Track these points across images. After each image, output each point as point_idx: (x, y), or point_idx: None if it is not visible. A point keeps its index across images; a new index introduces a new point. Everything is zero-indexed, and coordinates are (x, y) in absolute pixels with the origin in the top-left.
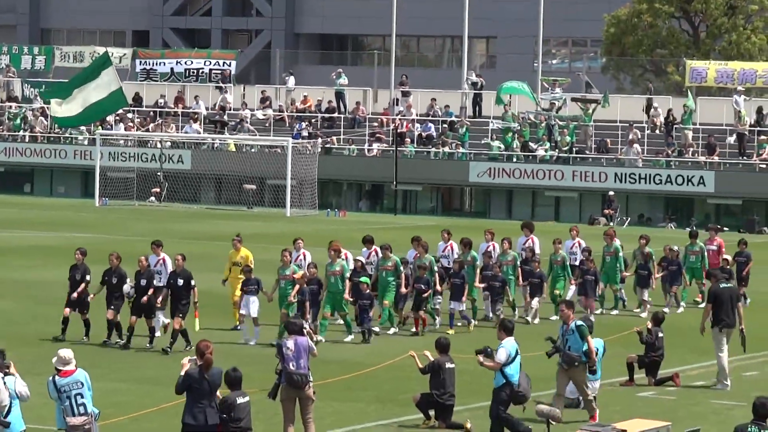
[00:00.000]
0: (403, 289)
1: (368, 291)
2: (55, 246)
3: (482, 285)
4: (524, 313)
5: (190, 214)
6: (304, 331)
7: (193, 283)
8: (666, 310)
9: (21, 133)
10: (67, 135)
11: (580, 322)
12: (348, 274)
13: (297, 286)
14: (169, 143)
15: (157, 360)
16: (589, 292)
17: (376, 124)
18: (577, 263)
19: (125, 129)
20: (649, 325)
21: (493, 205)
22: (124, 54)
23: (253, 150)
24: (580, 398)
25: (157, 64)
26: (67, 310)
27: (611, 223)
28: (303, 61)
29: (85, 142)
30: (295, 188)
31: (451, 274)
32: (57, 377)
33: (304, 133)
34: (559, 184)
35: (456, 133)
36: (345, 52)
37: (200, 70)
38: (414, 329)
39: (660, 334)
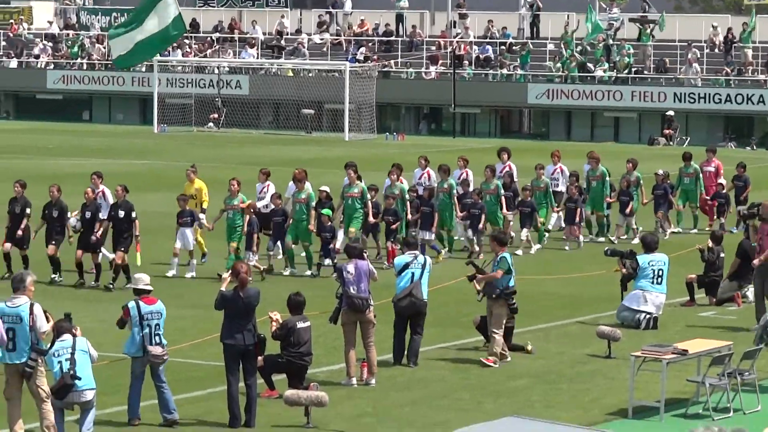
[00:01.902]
0: (371, 219)
1: (330, 223)
2: (114, 173)
3: (462, 214)
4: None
5: (248, 140)
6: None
7: (134, 215)
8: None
9: (79, 60)
10: None
11: (504, 255)
12: (313, 203)
13: (247, 217)
14: (226, 69)
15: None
16: (574, 219)
17: (433, 47)
18: (559, 189)
19: (183, 55)
20: (710, 244)
21: (552, 126)
22: None
23: (310, 74)
24: (640, 318)
25: None
26: (8, 245)
27: (671, 143)
28: None
29: (143, 69)
30: (353, 112)
31: (420, 202)
32: (141, 303)
33: (361, 57)
34: (618, 105)
35: (515, 54)
36: None
37: None
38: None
39: (721, 254)
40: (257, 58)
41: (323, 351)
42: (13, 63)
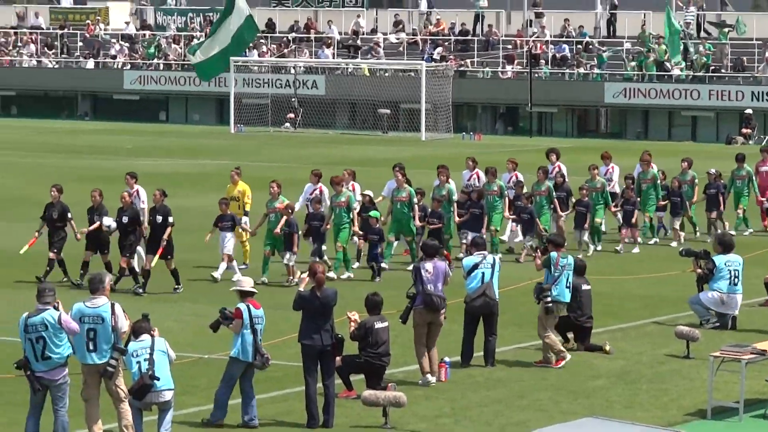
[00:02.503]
0: (417, 222)
1: (378, 226)
2: (190, 173)
3: (512, 216)
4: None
5: (324, 140)
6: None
7: (171, 220)
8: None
9: (155, 61)
10: None
11: (552, 253)
12: (355, 206)
13: (284, 218)
14: (303, 69)
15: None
16: (629, 221)
17: (510, 46)
18: (613, 190)
19: (259, 55)
20: None
21: (629, 125)
22: None
23: (386, 74)
24: (710, 319)
25: None
26: (52, 253)
27: (749, 142)
28: None
29: None
30: (430, 112)
31: (470, 204)
32: (251, 307)
33: (437, 57)
34: (695, 104)
35: (591, 54)
36: None
37: None
38: None
39: None
40: (333, 57)
41: (401, 351)
42: (90, 63)
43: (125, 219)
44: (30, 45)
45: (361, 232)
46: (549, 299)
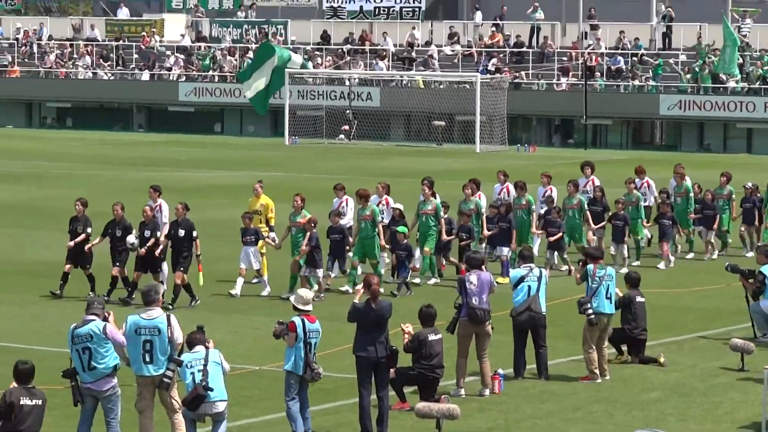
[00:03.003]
0: (444, 236)
1: (405, 241)
2: (245, 185)
3: (539, 231)
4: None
5: (379, 152)
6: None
7: (195, 234)
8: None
9: (210, 73)
10: None
11: (589, 266)
12: (380, 219)
13: (308, 234)
14: (357, 80)
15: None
16: (667, 236)
17: (565, 58)
18: (647, 204)
19: (314, 67)
20: None
21: (684, 137)
22: None
23: (441, 86)
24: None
25: (345, 1)
26: (68, 266)
27: None
28: None
29: None
30: (485, 124)
31: (498, 218)
32: (306, 321)
33: (492, 68)
34: (751, 116)
35: (647, 66)
36: None
37: (391, 8)
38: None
39: None
40: (388, 69)
41: (454, 363)
42: (146, 75)
43: (147, 233)
44: (86, 57)
45: (388, 246)
46: (590, 311)
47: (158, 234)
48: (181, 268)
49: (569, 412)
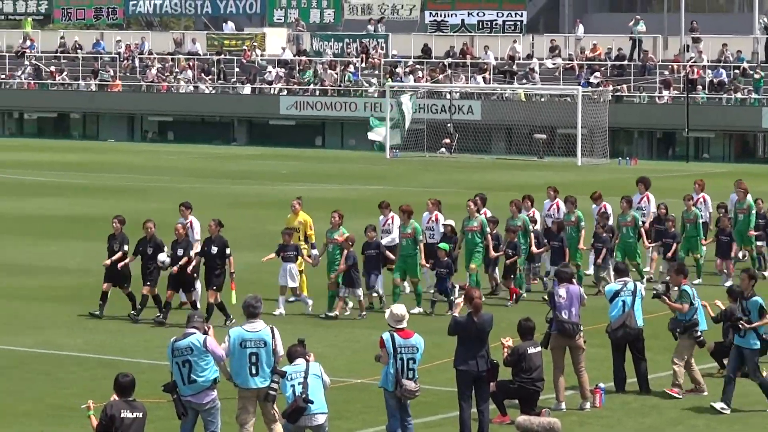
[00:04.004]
0: (492, 253)
1: (446, 259)
2: (346, 199)
3: (586, 248)
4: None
5: (480, 165)
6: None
7: (228, 251)
8: None
9: (311, 86)
10: (356, 88)
11: (684, 287)
12: (421, 237)
13: (345, 252)
14: (458, 94)
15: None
16: (725, 253)
17: (666, 71)
18: (703, 221)
19: (415, 81)
20: None
21: None
22: (414, 6)
23: (542, 99)
24: None
25: (447, 15)
26: (106, 285)
27: None
28: (592, 9)
29: (375, 95)
30: (586, 137)
31: (548, 236)
32: (396, 336)
33: (594, 81)
34: None
35: (749, 78)
36: None
37: (493, 22)
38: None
39: None
40: (489, 83)
41: (548, 377)
42: (247, 89)
43: (180, 251)
44: (187, 71)
45: (427, 264)
46: (699, 333)
47: (191, 252)
48: (214, 287)
49: (670, 425)
